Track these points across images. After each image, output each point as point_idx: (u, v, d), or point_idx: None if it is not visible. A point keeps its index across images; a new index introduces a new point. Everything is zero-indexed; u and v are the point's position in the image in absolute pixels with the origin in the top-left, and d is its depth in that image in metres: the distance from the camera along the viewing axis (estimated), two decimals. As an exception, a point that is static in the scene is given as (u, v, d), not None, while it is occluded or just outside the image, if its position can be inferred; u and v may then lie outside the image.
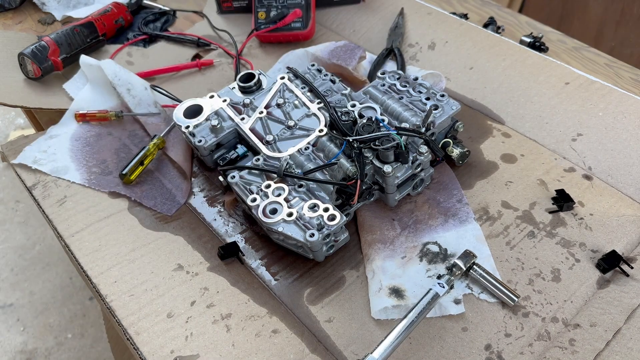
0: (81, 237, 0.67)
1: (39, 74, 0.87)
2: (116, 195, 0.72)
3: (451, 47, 0.88)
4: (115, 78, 0.82)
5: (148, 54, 0.96)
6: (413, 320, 0.52)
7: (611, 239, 0.62)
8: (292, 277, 0.62)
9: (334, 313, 0.58)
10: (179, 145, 0.76)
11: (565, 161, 0.71)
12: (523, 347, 0.54)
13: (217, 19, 1.03)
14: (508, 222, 0.65)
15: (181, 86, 0.89)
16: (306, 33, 0.94)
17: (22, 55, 0.86)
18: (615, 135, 0.71)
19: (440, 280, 0.56)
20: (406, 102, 0.68)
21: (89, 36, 0.94)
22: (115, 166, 0.75)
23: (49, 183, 0.73)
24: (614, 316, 0.55)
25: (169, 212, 0.70)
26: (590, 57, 0.90)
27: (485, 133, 0.76)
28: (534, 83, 0.80)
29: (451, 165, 0.71)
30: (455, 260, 0.58)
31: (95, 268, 0.63)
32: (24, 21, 1.07)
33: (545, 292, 0.58)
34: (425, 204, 0.67)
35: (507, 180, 0.70)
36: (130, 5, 1.05)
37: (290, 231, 0.57)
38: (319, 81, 0.74)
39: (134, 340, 0.56)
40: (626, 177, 0.68)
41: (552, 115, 0.76)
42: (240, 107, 0.72)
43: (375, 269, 0.60)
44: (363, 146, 0.61)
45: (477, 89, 0.82)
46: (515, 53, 0.84)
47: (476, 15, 1.01)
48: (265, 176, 0.63)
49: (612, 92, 0.75)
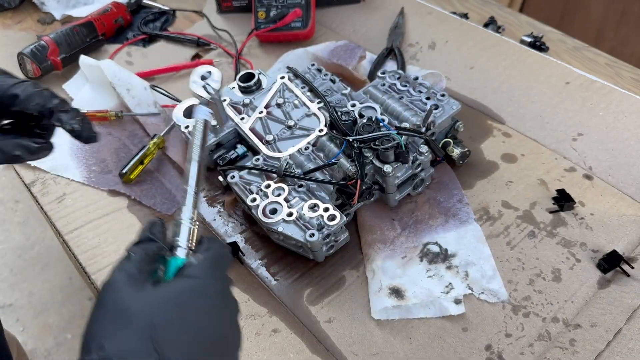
0: (80, 234, 0.66)
1: (39, 73, 0.87)
2: (115, 194, 0.71)
3: (451, 47, 0.88)
4: (115, 78, 0.81)
5: (148, 53, 0.96)
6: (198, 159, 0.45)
7: (612, 238, 0.62)
8: (292, 277, 0.62)
9: (334, 313, 0.58)
10: (179, 145, 0.76)
11: (566, 161, 0.71)
12: (523, 347, 0.54)
13: (217, 19, 1.03)
14: (508, 222, 0.65)
15: (181, 86, 0.89)
16: (306, 33, 0.94)
17: (22, 54, 0.86)
18: (615, 135, 0.71)
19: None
20: (406, 102, 0.68)
21: (89, 36, 0.94)
22: (115, 165, 0.75)
23: (47, 180, 0.73)
24: (615, 316, 0.55)
25: (169, 211, 0.69)
26: (590, 56, 0.90)
27: (486, 133, 0.76)
28: (534, 83, 0.80)
29: (451, 165, 0.71)
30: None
31: (94, 265, 0.63)
32: (24, 21, 1.07)
33: (545, 292, 0.58)
34: (425, 204, 0.67)
35: (507, 180, 0.70)
36: (129, 5, 1.04)
37: (290, 231, 0.57)
38: (319, 81, 0.73)
39: (133, 341, 0.56)
40: (627, 176, 0.68)
41: (552, 114, 0.76)
42: (240, 106, 0.72)
43: (376, 269, 0.60)
44: (363, 146, 0.61)
45: (477, 88, 0.82)
46: (516, 53, 0.84)
47: (476, 15, 1.01)
48: (265, 176, 0.63)
49: (612, 92, 0.75)
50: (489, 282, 0.59)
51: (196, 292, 0.37)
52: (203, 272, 0.38)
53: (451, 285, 0.59)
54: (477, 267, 0.60)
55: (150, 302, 0.35)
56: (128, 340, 0.33)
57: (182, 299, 0.36)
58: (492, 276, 0.59)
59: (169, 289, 0.37)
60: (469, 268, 0.60)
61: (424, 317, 0.57)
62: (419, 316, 0.57)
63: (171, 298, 0.36)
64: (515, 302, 0.57)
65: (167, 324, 0.34)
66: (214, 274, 0.39)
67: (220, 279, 0.39)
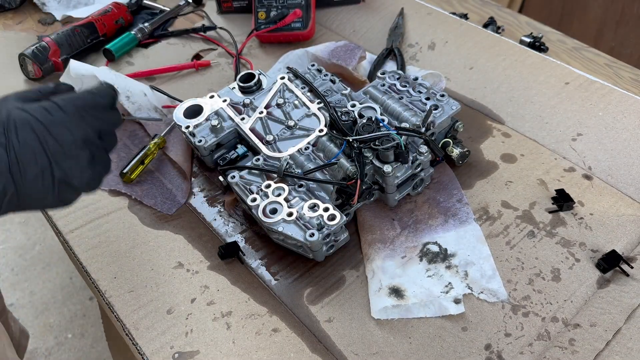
0: (81, 234, 0.67)
1: (40, 74, 0.87)
2: (116, 194, 0.72)
3: (451, 47, 0.89)
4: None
5: (148, 54, 0.96)
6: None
7: (611, 238, 0.62)
8: (292, 277, 0.62)
9: (334, 313, 0.58)
10: (179, 145, 0.76)
11: (565, 161, 0.71)
12: (523, 346, 0.54)
13: (217, 19, 1.03)
14: (508, 222, 0.65)
15: (181, 86, 0.89)
16: (306, 33, 0.94)
17: (23, 55, 0.86)
18: (615, 135, 0.71)
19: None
20: (406, 102, 0.68)
21: (90, 36, 0.94)
22: (116, 165, 0.75)
23: (49, 183, 0.73)
24: (614, 316, 0.55)
25: (169, 211, 0.70)
26: (590, 57, 0.90)
27: (485, 133, 0.76)
28: (533, 83, 0.80)
29: (451, 165, 0.71)
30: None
31: (94, 264, 0.63)
32: (24, 21, 1.07)
33: (545, 291, 0.58)
34: (425, 204, 0.67)
35: (507, 180, 0.70)
36: (130, 5, 1.05)
37: (290, 231, 0.57)
38: (319, 81, 0.74)
39: (133, 336, 0.56)
40: (626, 176, 0.68)
41: (552, 115, 0.76)
42: (240, 107, 0.72)
43: (375, 268, 0.60)
44: (363, 146, 0.61)
45: (477, 89, 0.82)
46: (515, 53, 0.84)
47: (476, 15, 1.01)
48: (265, 176, 0.63)
49: (612, 92, 0.75)
50: (489, 282, 0.59)
51: (52, 109, 0.45)
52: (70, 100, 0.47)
53: (451, 285, 0.59)
54: (477, 266, 0.60)
55: (18, 105, 0.45)
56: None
57: (38, 111, 0.45)
58: (492, 276, 0.59)
59: (35, 103, 0.46)
60: (469, 268, 0.60)
61: (423, 317, 0.57)
62: (418, 316, 0.57)
63: (32, 108, 0.45)
64: (515, 301, 0.57)
65: (21, 120, 0.43)
66: (76, 102, 0.47)
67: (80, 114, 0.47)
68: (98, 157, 0.48)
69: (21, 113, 0.44)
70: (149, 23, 0.99)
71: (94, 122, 0.48)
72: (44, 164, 0.44)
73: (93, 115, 0.48)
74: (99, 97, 0.49)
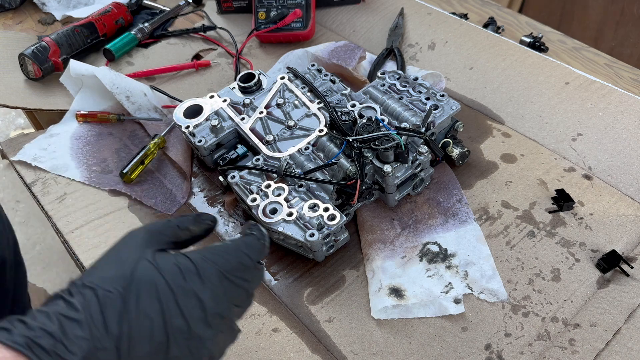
0: (81, 234, 0.67)
1: (40, 74, 0.87)
2: (116, 194, 0.72)
3: (451, 47, 0.89)
4: (113, 86, 0.80)
5: (148, 54, 0.96)
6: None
7: (611, 238, 0.62)
8: (292, 277, 0.62)
9: (334, 313, 0.58)
10: (179, 145, 0.76)
11: (565, 161, 0.71)
12: (523, 346, 0.54)
13: (217, 19, 1.03)
14: (508, 222, 0.65)
15: (181, 86, 0.89)
16: (306, 33, 0.94)
17: (23, 55, 0.86)
18: (615, 135, 0.71)
19: None
20: (406, 102, 0.68)
21: (90, 36, 0.94)
22: (116, 165, 0.75)
23: (48, 180, 0.73)
24: (614, 316, 0.55)
25: (169, 211, 0.70)
26: (590, 57, 0.90)
27: (485, 133, 0.76)
28: (533, 83, 0.80)
29: (451, 165, 0.71)
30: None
31: (95, 267, 0.63)
32: (24, 21, 1.07)
33: (545, 291, 0.58)
34: (425, 204, 0.67)
35: (507, 180, 0.70)
36: (130, 5, 1.05)
37: (290, 231, 0.57)
38: (319, 81, 0.74)
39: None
40: (626, 176, 0.68)
41: (552, 115, 0.76)
42: (240, 107, 0.72)
43: (375, 268, 0.60)
44: (363, 146, 0.61)
45: (477, 89, 0.82)
46: (515, 53, 0.84)
47: (476, 16, 1.01)
48: (266, 176, 0.63)
49: (612, 92, 0.75)
50: (489, 282, 0.59)
51: (187, 271, 0.37)
52: (206, 257, 0.38)
53: (451, 284, 0.59)
54: (477, 266, 0.60)
55: (144, 259, 0.37)
56: (104, 276, 0.35)
57: (170, 271, 0.37)
58: (492, 276, 0.59)
59: (169, 257, 0.38)
60: (469, 268, 0.60)
61: (423, 317, 0.57)
62: (418, 316, 0.57)
63: (164, 265, 0.37)
64: (515, 301, 0.57)
65: (147, 282, 0.35)
66: (218, 262, 0.38)
67: (222, 272, 0.38)
68: (227, 330, 0.39)
69: (150, 271, 0.36)
70: (149, 23, 0.99)
71: (233, 292, 0.38)
72: (160, 343, 0.35)
73: (235, 282, 0.39)
74: (247, 256, 0.40)
